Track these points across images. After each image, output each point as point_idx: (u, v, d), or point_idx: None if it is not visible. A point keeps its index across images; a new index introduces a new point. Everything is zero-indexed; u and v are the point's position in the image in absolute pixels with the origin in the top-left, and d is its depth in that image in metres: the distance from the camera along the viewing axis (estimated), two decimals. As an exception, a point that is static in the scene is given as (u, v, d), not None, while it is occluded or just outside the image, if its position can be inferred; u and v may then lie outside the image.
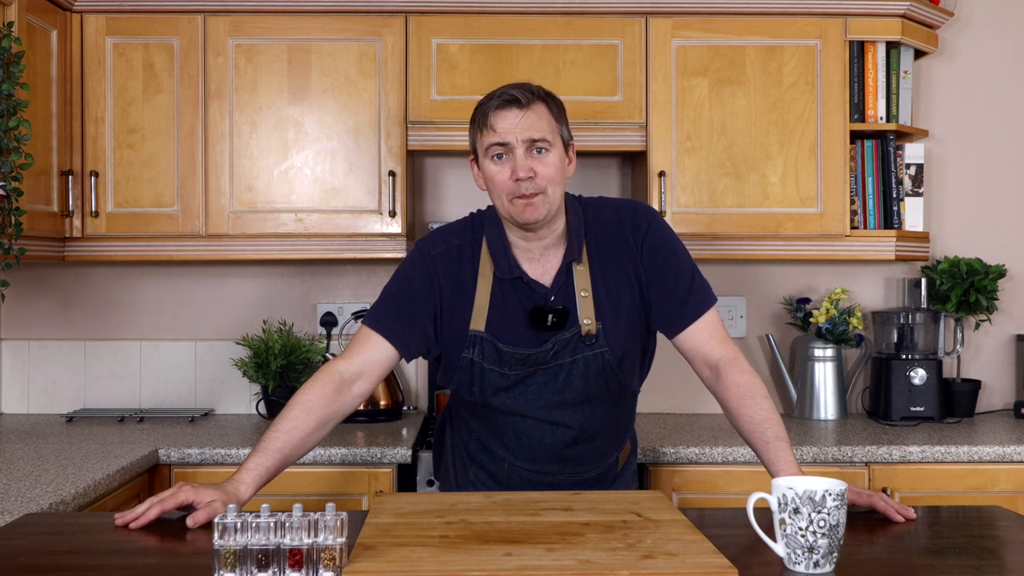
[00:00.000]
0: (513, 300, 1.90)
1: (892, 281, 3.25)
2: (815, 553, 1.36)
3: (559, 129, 1.88)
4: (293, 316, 3.18)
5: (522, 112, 1.83)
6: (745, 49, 2.88)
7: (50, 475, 2.18)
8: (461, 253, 1.94)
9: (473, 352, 1.90)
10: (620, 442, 2.05)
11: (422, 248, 1.96)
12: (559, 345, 1.88)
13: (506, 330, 1.89)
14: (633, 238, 1.93)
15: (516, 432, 1.95)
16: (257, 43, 2.84)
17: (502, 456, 1.99)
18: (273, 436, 1.77)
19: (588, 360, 1.89)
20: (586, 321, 1.88)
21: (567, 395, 1.91)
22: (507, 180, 1.84)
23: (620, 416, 2.01)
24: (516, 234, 1.92)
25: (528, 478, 1.98)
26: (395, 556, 1.36)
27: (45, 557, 1.48)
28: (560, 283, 1.91)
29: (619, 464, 2.07)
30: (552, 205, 1.86)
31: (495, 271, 1.91)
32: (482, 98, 1.89)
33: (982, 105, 3.25)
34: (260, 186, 2.84)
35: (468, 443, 2.06)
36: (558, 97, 1.92)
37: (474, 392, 1.94)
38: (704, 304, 1.92)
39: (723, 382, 1.87)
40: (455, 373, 1.94)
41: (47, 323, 3.18)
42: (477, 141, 1.89)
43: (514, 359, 1.89)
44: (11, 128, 2.33)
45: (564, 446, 1.95)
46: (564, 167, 1.89)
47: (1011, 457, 2.59)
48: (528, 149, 1.83)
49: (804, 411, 3.05)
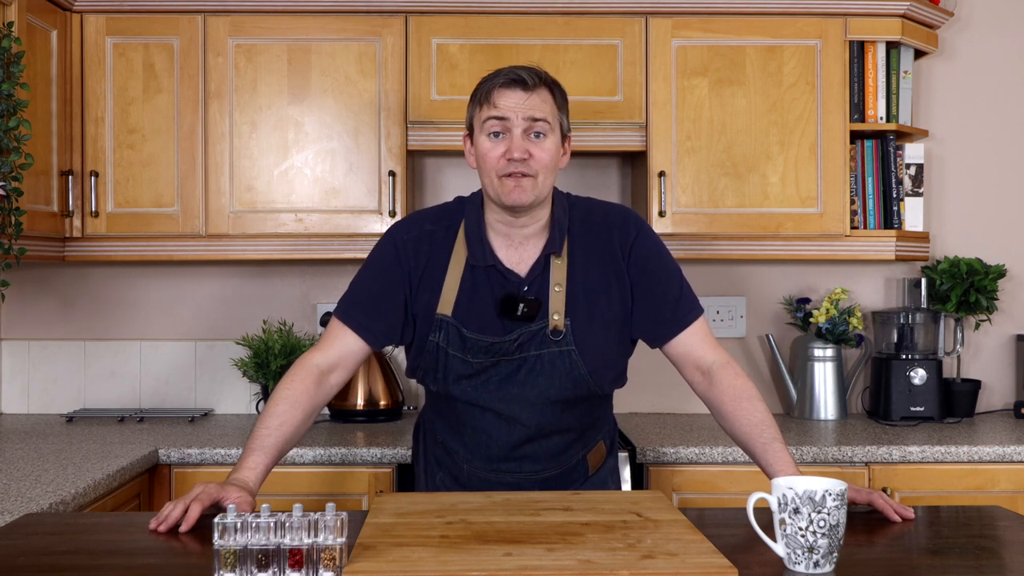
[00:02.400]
0: (484, 287, 1.88)
1: (892, 281, 3.25)
2: (815, 553, 1.36)
3: (560, 117, 1.87)
4: (293, 316, 3.18)
5: (527, 94, 1.82)
6: (745, 49, 2.88)
7: (50, 475, 2.18)
8: (433, 238, 1.92)
9: (439, 336, 1.88)
10: (587, 443, 2.00)
11: (393, 234, 1.95)
12: (524, 337, 1.86)
13: (472, 316, 1.87)
14: (620, 244, 1.91)
15: (473, 429, 1.93)
16: (257, 43, 2.84)
17: (462, 456, 1.97)
18: (264, 433, 1.77)
19: (554, 357, 1.86)
20: (555, 316, 1.86)
21: (528, 390, 1.88)
22: (499, 157, 1.82)
23: (584, 418, 1.97)
24: (498, 216, 1.89)
25: (487, 479, 1.96)
26: (395, 556, 1.36)
27: (45, 557, 1.48)
28: (536, 274, 1.88)
29: (590, 467, 2.02)
30: (540, 192, 1.84)
31: (468, 258, 1.89)
32: (488, 74, 1.88)
33: (982, 105, 3.25)
34: (260, 186, 2.84)
35: (435, 448, 2.05)
36: (562, 86, 1.91)
37: (438, 379, 1.91)
38: (693, 312, 1.92)
39: (717, 385, 1.86)
40: (421, 358, 1.91)
41: (47, 323, 3.18)
42: (475, 115, 1.87)
43: (478, 346, 1.86)
44: (11, 128, 2.33)
45: (516, 444, 1.92)
46: (558, 156, 1.87)
47: (1011, 457, 2.59)
48: (527, 131, 1.82)
49: (804, 411, 3.05)
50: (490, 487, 1.95)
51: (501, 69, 1.86)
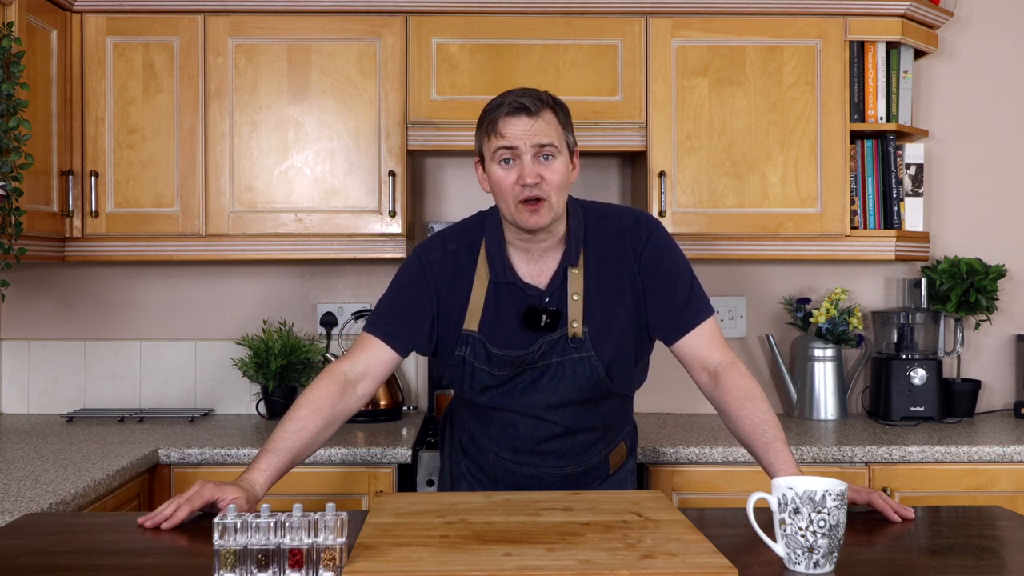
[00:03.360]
0: (507, 303, 1.94)
1: (892, 281, 3.25)
2: (815, 553, 1.36)
3: (565, 136, 1.91)
4: (293, 316, 3.18)
5: (532, 120, 1.85)
6: (745, 49, 2.88)
7: (50, 475, 2.18)
8: (457, 258, 1.97)
9: (465, 351, 1.94)
10: (609, 441, 2.06)
11: (419, 254, 2.01)
12: (546, 346, 1.92)
13: (498, 332, 1.93)
14: (632, 247, 1.96)
15: (501, 423, 2.00)
16: (257, 43, 2.84)
17: (487, 447, 2.04)
18: (282, 436, 1.80)
19: (575, 363, 1.93)
20: (574, 324, 1.92)
21: (552, 396, 1.95)
22: (513, 184, 1.87)
23: (607, 417, 2.03)
24: (517, 235, 1.94)
25: (511, 469, 2.02)
26: (395, 556, 1.36)
27: (45, 557, 1.48)
28: (555, 286, 1.94)
29: (611, 466, 2.08)
30: (556, 212, 1.89)
31: (490, 275, 1.94)
32: (491, 100, 1.91)
33: (982, 105, 3.25)
34: (260, 186, 2.84)
35: (462, 437, 2.11)
36: (564, 104, 1.94)
37: (464, 389, 1.99)
38: (702, 314, 1.96)
39: (722, 385, 1.89)
40: (448, 370, 1.99)
41: (47, 323, 3.18)
42: (484, 145, 1.91)
43: (503, 361, 1.93)
44: (11, 128, 2.33)
45: (543, 440, 1.98)
46: (568, 173, 1.92)
47: (1011, 457, 2.59)
48: (536, 155, 1.86)
49: (804, 411, 3.05)
50: (514, 478, 2.02)
51: (505, 96, 1.90)
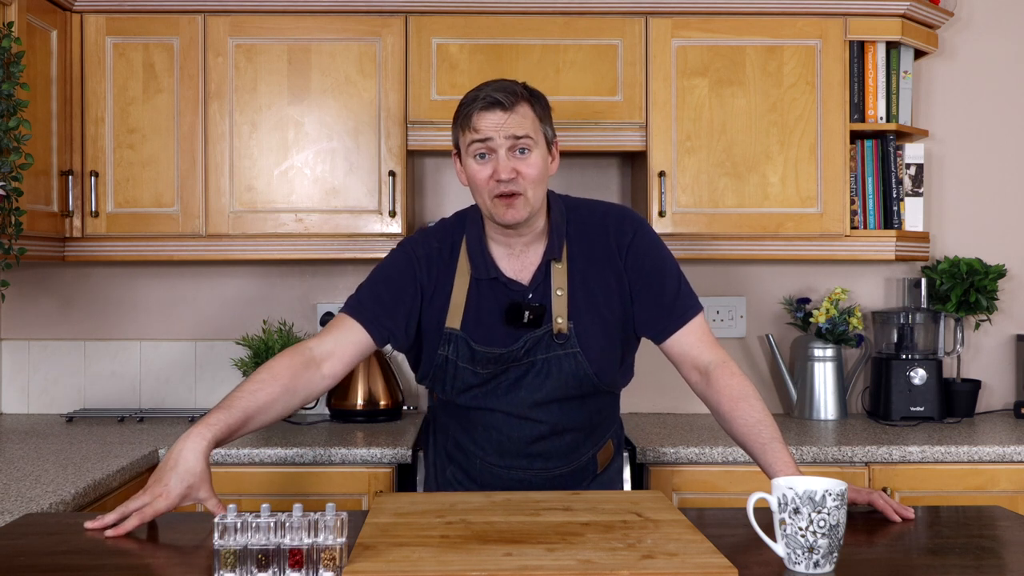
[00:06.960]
0: (490, 299, 1.91)
1: (892, 281, 3.25)
2: (815, 553, 1.36)
3: (542, 128, 1.89)
4: (293, 316, 3.17)
5: (506, 114, 1.84)
6: (745, 49, 2.88)
7: (50, 475, 2.18)
8: (440, 256, 1.94)
9: (448, 349, 1.91)
10: (596, 440, 2.03)
11: (406, 248, 1.97)
12: (531, 343, 1.89)
13: (481, 329, 1.90)
14: (617, 244, 1.93)
15: (485, 426, 1.96)
16: (257, 43, 2.84)
17: (474, 452, 2.00)
18: (237, 395, 1.74)
19: (561, 359, 1.90)
20: (559, 320, 1.89)
21: (537, 394, 1.91)
22: (488, 179, 1.85)
23: (594, 415, 2.00)
24: (496, 231, 1.92)
25: (499, 474, 1.98)
26: (395, 556, 1.36)
27: (45, 557, 1.48)
28: (538, 281, 1.91)
29: (599, 465, 2.05)
30: (533, 206, 1.87)
31: (472, 272, 1.92)
32: (467, 93, 1.89)
33: (982, 105, 3.25)
34: (260, 186, 2.84)
35: (447, 444, 2.07)
36: (542, 95, 1.92)
37: (447, 390, 1.95)
38: (690, 311, 1.93)
39: (714, 385, 1.87)
40: (431, 370, 1.94)
41: (47, 323, 3.18)
42: (460, 139, 1.90)
43: (487, 358, 1.90)
44: (11, 128, 2.33)
45: (530, 441, 1.95)
46: (547, 166, 1.89)
47: (1011, 457, 2.59)
48: (511, 149, 1.84)
49: (804, 411, 3.05)
50: (502, 483, 1.98)
51: (480, 89, 1.87)
